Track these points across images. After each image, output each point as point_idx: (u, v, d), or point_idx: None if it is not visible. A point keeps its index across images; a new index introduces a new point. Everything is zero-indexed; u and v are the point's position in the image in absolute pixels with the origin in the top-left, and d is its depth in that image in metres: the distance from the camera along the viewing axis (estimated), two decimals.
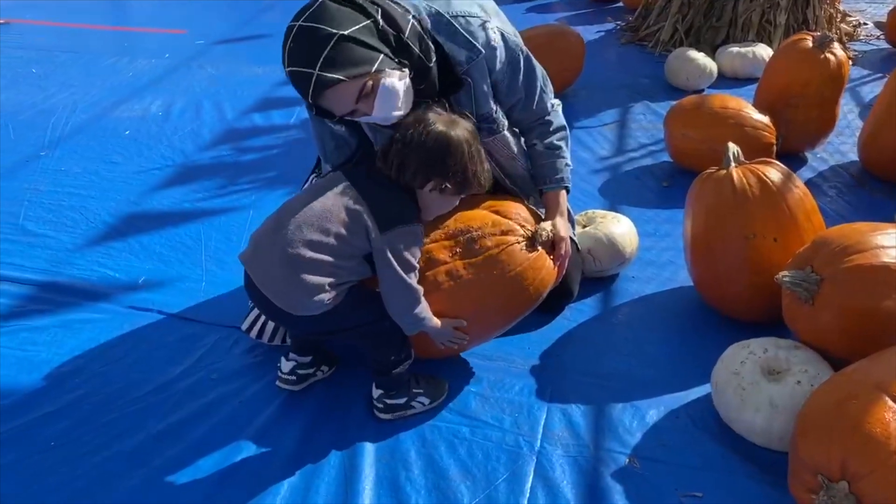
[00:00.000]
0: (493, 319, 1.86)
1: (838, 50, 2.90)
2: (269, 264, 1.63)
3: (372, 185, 1.67)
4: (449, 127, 1.65)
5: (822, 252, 1.73)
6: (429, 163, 1.63)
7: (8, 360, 2.03)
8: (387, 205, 1.65)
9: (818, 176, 2.97)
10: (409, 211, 1.68)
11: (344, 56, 1.55)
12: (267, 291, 1.64)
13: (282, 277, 1.61)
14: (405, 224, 1.65)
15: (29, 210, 2.82)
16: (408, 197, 1.68)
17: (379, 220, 1.62)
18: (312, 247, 1.60)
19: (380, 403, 1.79)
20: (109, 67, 4.43)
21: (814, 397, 1.48)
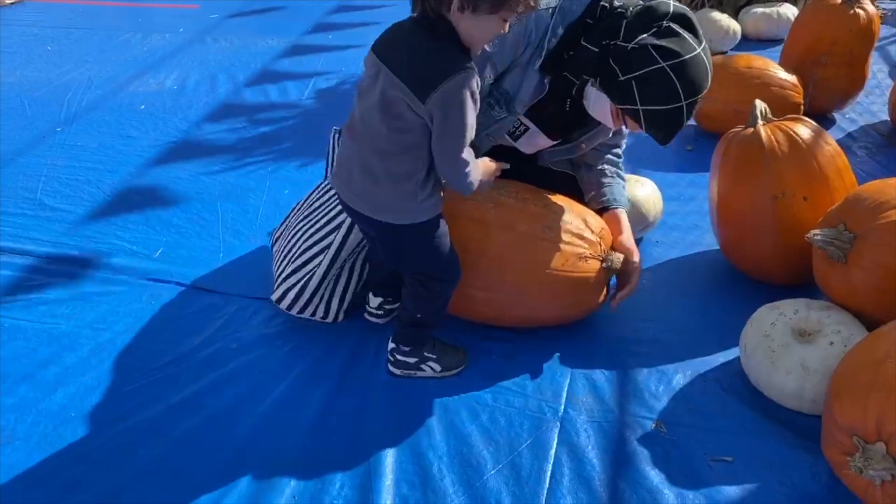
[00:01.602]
0: (526, 302, 1.84)
1: (868, 5, 2.81)
2: (352, 175, 1.59)
3: (404, 49, 1.49)
4: None
5: (856, 209, 1.68)
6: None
7: (27, 332, 2.03)
8: (422, 66, 1.46)
9: (847, 136, 2.89)
10: (446, 61, 1.44)
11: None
12: (350, 201, 1.62)
13: (363, 184, 1.57)
14: (444, 79, 1.42)
15: (46, 185, 2.81)
16: (445, 44, 1.46)
17: (416, 90, 1.44)
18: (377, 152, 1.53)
19: (391, 357, 1.79)
20: (124, 43, 4.41)
21: (848, 358, 1.43)
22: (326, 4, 4.87)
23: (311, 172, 2.77)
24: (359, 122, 1.55)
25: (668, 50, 1.55)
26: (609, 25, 1.66)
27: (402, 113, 1.47)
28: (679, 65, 1.55)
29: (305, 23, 4.54)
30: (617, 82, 1.62)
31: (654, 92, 1.58)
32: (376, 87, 1.49)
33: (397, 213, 1.58)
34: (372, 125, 1.51)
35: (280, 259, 2.04)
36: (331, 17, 4.69)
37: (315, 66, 3.85)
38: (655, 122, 1.63)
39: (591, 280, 1.83)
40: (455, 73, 1.43)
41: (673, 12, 1.60)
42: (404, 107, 1.46)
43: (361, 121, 1.54)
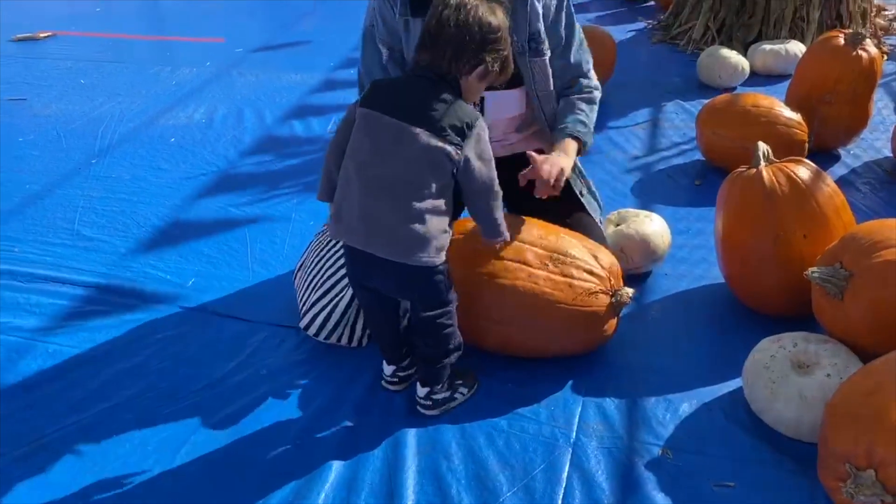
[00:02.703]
0: (539, 334, 1.96)
1: (870, 47, 2.92)
2: (387, 232, 1.65)
3: (420, 106, 1.64)
4: (493, 10, 1.67)
5: (851, 248, 1.78)
6: (483, 42, 1.64)
7: (70, 358, 2.16)
8: (448, 117, 1.62)
9: (851, 172, 2.99)
10: (465, 109, 1.66)
11: None
12: (386, 253, 1.66)
13: (400, 233, 1.64)
14: (472, 125, 1.64)
15: (83, 216, 2.96)
16: (453, 95, 1.66)
17: (451, 140, 1.62)
18: (420, 198, 1.63)
19: (427, 401, 1.86)
20: (153, 77, 4.59)
21: (842, 389, 1.53)
22: (347, 40, 5.03)
23: None
24: (389, 179, 1.64)
25: None
26: None
27: (442, 161, 1.62)
28: None
29: (327, 58, 4.70)
30: None
31: None
32: (408, 145, 1.62)
33: (435, 252, 1.68)
34: (411, 180, 1.63)
35: (304, 288, 2.16)
36: (353, 53, 4.85)
37: (337, 101, 4.00)
38: None
39: (601, 314, 1.94)
40: (478, 117, 1.66)
41: None
42: (443, 156, 1.62)
43: (394, 178, 1.63)
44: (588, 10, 5.52)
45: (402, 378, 1.95)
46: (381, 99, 1.68)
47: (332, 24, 5.58)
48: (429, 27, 1.65)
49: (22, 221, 2.92)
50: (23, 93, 4.38)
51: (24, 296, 2.44)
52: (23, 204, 3.06)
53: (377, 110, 1.66)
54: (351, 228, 1.70)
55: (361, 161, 1.67)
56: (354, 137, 1.69)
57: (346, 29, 5.32)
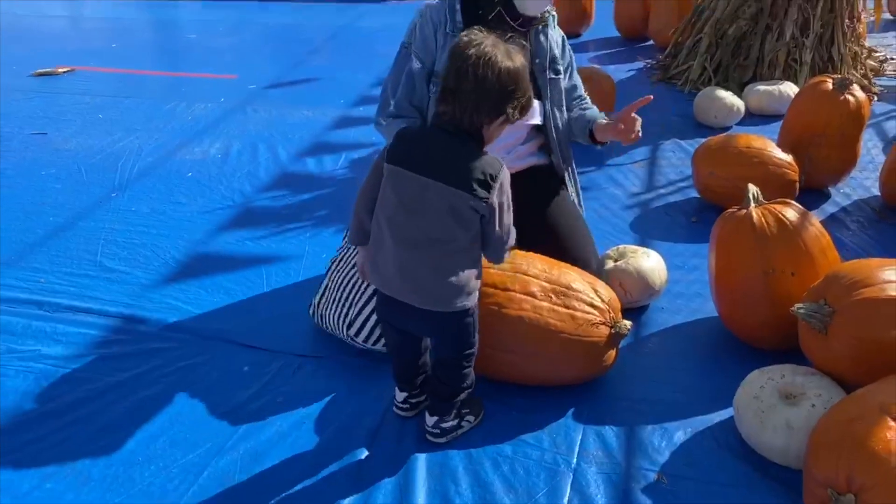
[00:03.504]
0: (543, 364, 2.08)
1: (858, 91, 3.07)
2: (424, 286, 1.73)
3: (444, 160, 1.67)
4: (510, 55, 1.67)
5: (834, 286, 1.90)
6: (503, 95, 1.66)
7: (97, 385, 2.27)
8: (474, 170, 1.65)
9: (841, 210, 3.12)
10: (487, 159, 1.68)
11: None
12: (423, 304, 1.74)
13: (437, 285, 1.72)
14: (496, 176, 1.67)
15: (105, 248, 3.09)
16: (474, 144, 1.70)
17: (479, 193, 1.65)
18: (452, 252, 1.71)
19: (435, 429, 1.95)
20: (169, 112, 4.75)
21: (824, 418, 1.64)
22: (356, 77, 5.22)
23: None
24: (420, 235, 1.70)
25: None
26: None
27: (470, 216, 1.67)
28: None
29: (336, 95, 4.87)
30: None
31: None
32: (435, 202, 1.67)
33: (468, 297, 1.76)
34: (442, 236, 1.69)
35: (341, 303, 2.29)
36: (362, 90, 5.02)
37: (347, 138, 4.16)
38: None
39: (602, 344, 2.06)
40: (501, 166, 1.70)
41: None
42: (470, 210, 1.67)
43: (425, 234, 1.69)
44: (588, 50, 5.71)
45: (413, 405, 2.05)
46: (406, 154, 1.71)
47: (341, 61, 5.77)
48: (447, 82, 1.67)
49: (47, 253, 3.05)
50: (44, 127, 4.55)
51: (52, 325, 2.57)
52: (47, 236, 3.20)
53: (403, 167, 1.70)
54: (387, 280, 1.76)
55: (391, 217, 1.72)
56: (384, 192, 1.74)
57: (355, 66, 5.51)
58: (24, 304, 2.68)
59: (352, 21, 7.05)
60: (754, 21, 4.49)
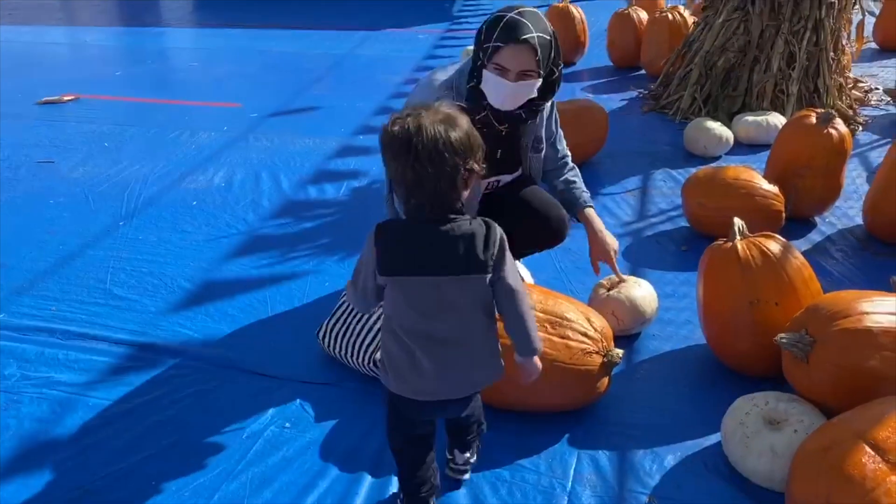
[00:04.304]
0: (539, 391, 2.11)
1: (840, 125, 3.19)
2: (459, 380, 1.68)
3: (444, 251, 1.56)
4: (450, 122, 1.53)
5: (815, 317, 2.00)
6: (466, 160, 1.53)
7: (109, 411, 2.36)
8: (473, 248, 1.56)
9: (826, 239, 3.23)
10: (477, 228, 1.58)
11: (546, 40, 2.22)
12: (466, 392, 1.72)
13: (476, 373, 1.69)
14: (493, 241, 1.58)
15: (114, 276, 3.19)
16: (462, 217, 1.58)
17: (484, 267, 1.57)
18: (480, 337, 1.66)
19: (465, 466, 1.99)
20: (173, 140, 4.86)
21: (805, 444, 1.73)
22: (356, 106, 5.34)
23: (349, 266, 3.13)
24: (445, 336, 1.60)
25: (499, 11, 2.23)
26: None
27: (484, 291, 1.60)
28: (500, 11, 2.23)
29: (337, 124, 4.99)
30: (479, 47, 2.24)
31: (489, 28, 2.21)
32: (451, 296, 1.58)
33: (497, 366, 1.73)
34: (467, 327, 1.62)
35: (358, 331, 2.38)
36: (362, 119, 5.14)
37: (348, 167, 4.27)
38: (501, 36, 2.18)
39: (595, 372, 2.15)
40: (495, 231, 1.59)
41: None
42: (483, 287, 1.59)
43: (450, 333, 1.60)
44: (582, 79, 5.85)
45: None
46: (401, 260, 1.58)
47: (341, 90, 5.90)
48: (406, 179, 1.53)
49: (58, 281, 3.14)
50: (50, 155, 4.65)
51: (64, 352, 2.65)
52: (57, 264, 3.29)
53: (406, 274, 1.58)
54: (421, 390, 1.66)
55: (412, 328, 1.61)
56: (395, 306, 1.62)
57: (356, 95, 5.64)
58: (37, 332, 2.77)
59: (352, 49, 7.19)
60: (742, 53, 4.63)
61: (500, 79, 2.21)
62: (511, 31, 2.17)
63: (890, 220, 3.11)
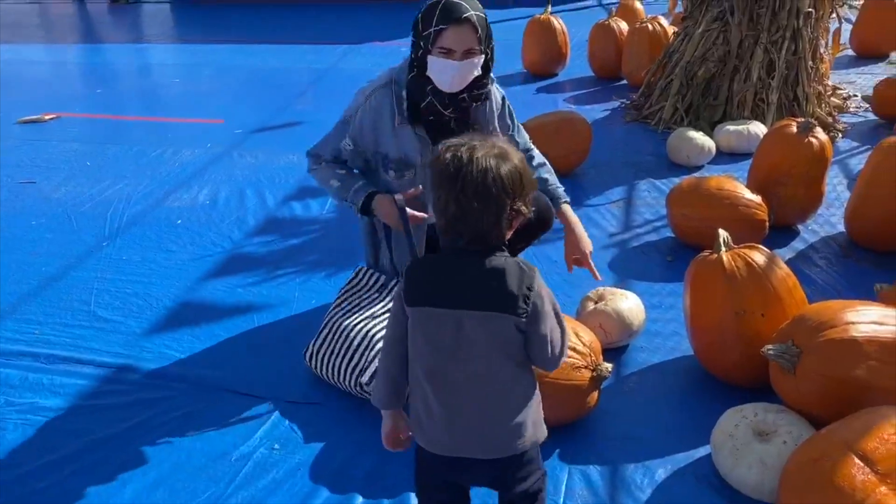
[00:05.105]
0: None
1: (820, 134, 3.23)
2: (480, 435, 1.50)
3: (474, 284, 1.45)
4: (502, 155, 1.45)
5: (801, 328, 2.02)
6: (514, 198, 1.45)
7: (95, 436, 2.33)
8: (507, 285, 1.43)
9: (809, 247, 3.26)
10: (517, 268, 1.46)
11: (482, 17, 2.28)
12: (488, 455, 1.51)
13: (494, 431, 1.50)
14: (531, 284, 1.45)
15: (98, 297, 3.16)
16: (498, 252, 1.48)
17: (517, 309, 1.43)
18: (506, 387, 1.50)
19: None
20: (156, 158, 4.84)
21: (793, 456, 1.74)
22: None
23: (335, 283, 3.11)
24: (466, 380, 1.47)
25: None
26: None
27: (514, 336, 1.46)
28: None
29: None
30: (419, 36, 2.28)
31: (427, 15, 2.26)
32: (473, 334, 1.45)
33: (533, 429, 1.53)
34: (490, 371, 1.46)
35: (346, 353, 2.37)
36: None
37: None
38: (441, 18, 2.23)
39: (584, 387, 2.16)
40: (533, 272, 1.47)
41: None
42: (513, 330, 1.45)
43: (471, 377, 1.46)
44: (564, 90, 5.89)
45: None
46: (428, 290, 1.48)
47: (324, 104, 5.89)
48: (448, 210, 1.43)
49: (41, 304, 3.11)
50: (32, 175, 4.61)
51: (49, 377, 2.62)
52: (41, 286, 3.26)
53: (429, 304, 1.47)
54: (435, 440, 1.52)
55: (429, 368, 1.49)
56: (413, 340, 1.50)
57: (339, 109, 5.60)
58: (21, 357, 2.74)
59: (334, 63, 7.20)
60: (722, 63, 4.68)
61: (447, 60, 2.26)
62: (451, 11, 2.24)
63: (871, 226, 3.14)
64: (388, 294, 2.59)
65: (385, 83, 2.45)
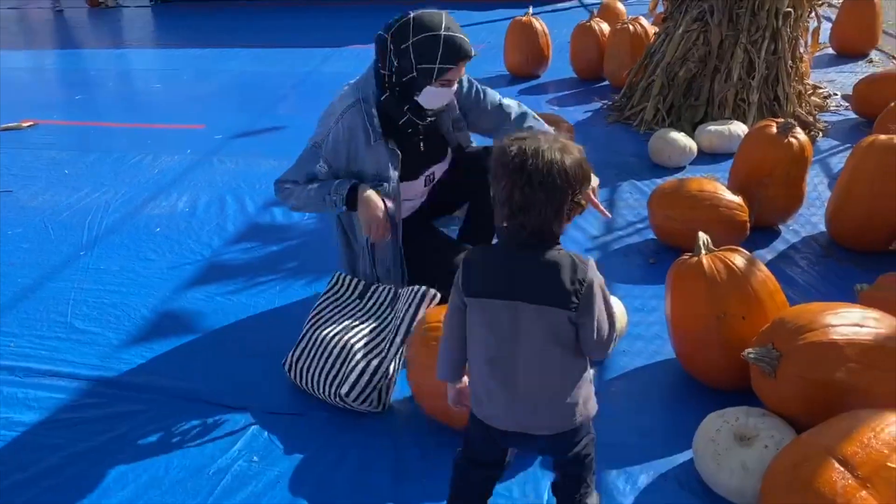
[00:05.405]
0: None
1: (800, 134, 3.23)
2: (538, 414, 1.60)
3: (530, 275, 1.53)
4: (566, 149, 1.52)
5: (781, 331, 2.01)
6: (574, 191, 1.51)
7: (71, 451, 2.29)
8: (560, 278, 1.51)
9: (790, 248, 3.26)
10: (569, 260, 1.53)
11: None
12: (546, 431, 1.62)
13: (550, 411, 1.60)
14: (584, 276, 1.52)
15: (75, 308, 3.11)
16: (551, 245, 1.55)
17: (570, 301, 1.51)
18: (562, 373, 1.59)
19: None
20: (135, 165, 4.78)
21: (774, 461, 1.73)
22: None
23: (316, 290, 3.08)
24: (524, 368, 1.56)
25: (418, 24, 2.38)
26: (382, 57, 2.45)
27: (567, 329, 1.54)
28: (423, 26, 2.38)
29: (302, 143, 4.89)
30: (415, 70, 2.38)
31: (426, 48, 2.36)
32: (528, 325, 1.53)
33: (584, 406, 1.63)
34: (546, 360, 1.56)
35: (326, 363, 2.34)
36: None
37: None
38: (447, 57, 2.37)
39: None
40: (586, 265, 1.54)
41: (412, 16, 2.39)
42: (566, 323, 1.53)
43: (529, 365, 1.56)
44: (547, 91, 5.88)
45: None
46: (485, 280, 1.58)
47: (306, 108, 5.82)
48: (513, 200, 1.49)
49: (17, 316, 3.06)
50: (9, 184, 4.55)
51: (24, 391, 2.58)
52: (17, 298, 3.21)
53: (486, 296, 1.57)
54: (494, 417, 1.63)
55: (489, 357, 1.59)
56: (472, 327, 1.61)
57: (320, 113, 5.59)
58: None
59: (315, 67, 7.16)
60: (703, 63, 4.68)
61: (445, 89, 2.45)
62: (457, 50, 2.38)
63: (852, 226, 3.14)
64: (368, 300, 2.57)
65: (352, 102, 2.49)
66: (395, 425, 2.31)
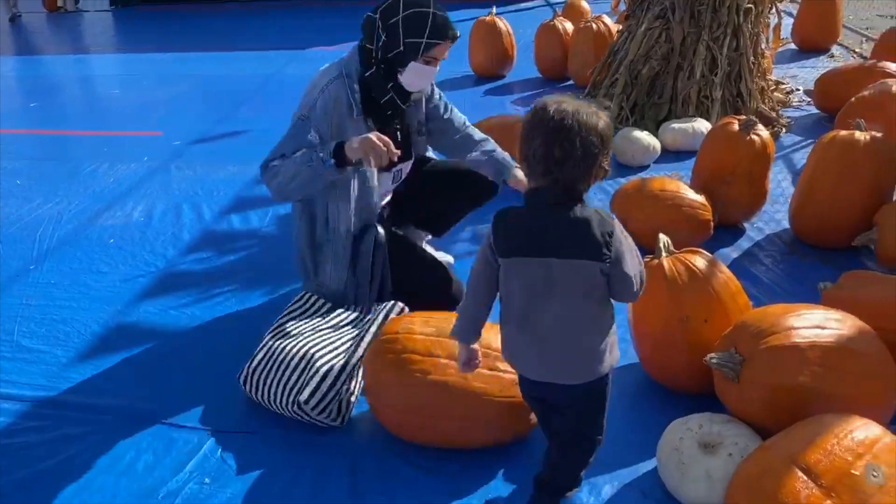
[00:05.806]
0: (471, 428, 2.09)
1: (762, 131, 3.21)
2: (565, 366, 1.70)
3: (562, 234, 1.61)
4: (597, 114, 1.62)
5: (743, 335, 1.97)
6: (603, 153, 1.62)
7: (16, 475, 2.18)
8: (592, 233, 1.59)
9: (755, 245, 3.24)
10: (596, 217, 1.62)
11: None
12: (572, 381, 1.71)
13: (579, 362, 1.69)
14: (612, 229, 1.62)
15: (22, 325, 2.99)
16: (579, 204, 1.63)
17: (602, 254, 1.59)
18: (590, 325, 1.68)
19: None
20: (90, 174, 4.65)
21: (739, 471, 1.69)
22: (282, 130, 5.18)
23: (275, 302, 2.99)
24: (555, 323, 1.65)
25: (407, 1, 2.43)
26: (369, 34, 2.48)
27: (599, 280, 1.62)
28: (413, 3, 2.43)
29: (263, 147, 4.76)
30: (402, 44, 2.42)
31: (414, 23, 2.41)
32: (562, 280, 1.61)
33: (609, 356, 1.72)
34: (576, 314, 1.65)
35: (286, 373, 2.26)
36: None
37: None
38: (435, 32, 2.43)
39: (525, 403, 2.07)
40: (612, 219, 1.64)
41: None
42: (598, 275, 1.61)
43: (559, 319, 1.64)
44: (512, 91, 5.83)
45: None
46: (518, 240, 1.66)
47: (267, 112, 5.74)
48: (552, 154, 1.57)
49: None
50: None
51: None
52: None
53: (521, 255, 1.65)
54: (528, 368, 1.75)
55: (521, 309, 1.67)
56: (506, 286, 1.69)
57: (282, 117, 5.43)
58: None
59: (278, 70, 7.05)
60: (666, 61, 4.66)
61: (429, 67, 2.50)
62: (445, 28, 2.45)
63: (815, 222, 3.13)
64: (334, 318, 2.49)
65: (336, 75, 2.50)
66: (353, 442, 2.23)
